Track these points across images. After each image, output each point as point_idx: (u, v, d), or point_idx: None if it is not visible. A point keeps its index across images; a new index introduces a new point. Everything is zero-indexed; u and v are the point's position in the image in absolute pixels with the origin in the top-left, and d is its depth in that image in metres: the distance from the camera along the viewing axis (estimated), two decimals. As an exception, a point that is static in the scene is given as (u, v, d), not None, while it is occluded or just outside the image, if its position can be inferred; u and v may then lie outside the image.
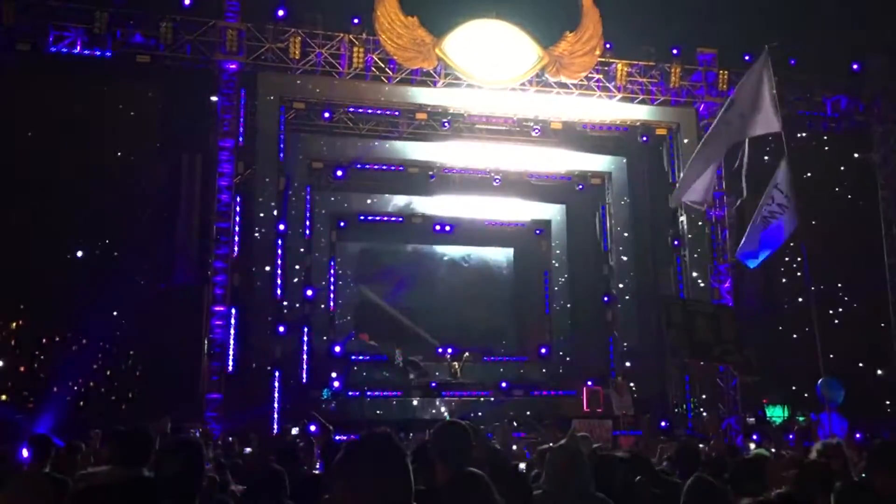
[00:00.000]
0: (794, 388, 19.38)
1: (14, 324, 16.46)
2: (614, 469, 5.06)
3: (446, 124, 18.63)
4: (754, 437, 16.00)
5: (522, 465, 7.97)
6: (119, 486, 3.19)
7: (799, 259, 11.59)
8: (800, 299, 19.05)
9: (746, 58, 18.99)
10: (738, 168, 10.94)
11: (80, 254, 16.97)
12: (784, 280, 21.01)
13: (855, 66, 19.38)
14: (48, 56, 15.38)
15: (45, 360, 16.37)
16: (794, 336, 18.93)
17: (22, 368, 16.23)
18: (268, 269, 16.72)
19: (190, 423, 13.66)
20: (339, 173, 19.44)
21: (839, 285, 20.79)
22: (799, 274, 18.49)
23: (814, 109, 19.28)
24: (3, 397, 15.60)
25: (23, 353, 16.34)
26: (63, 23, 15.38)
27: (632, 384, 18.36)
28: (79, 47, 15.36)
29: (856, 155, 19.73)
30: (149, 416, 13.47)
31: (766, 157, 12.92)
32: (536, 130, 19.15)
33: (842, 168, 21.51)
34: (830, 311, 19.73)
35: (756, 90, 10.25)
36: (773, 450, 9.68)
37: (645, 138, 19.68)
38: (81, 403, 15.43)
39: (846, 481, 4.45)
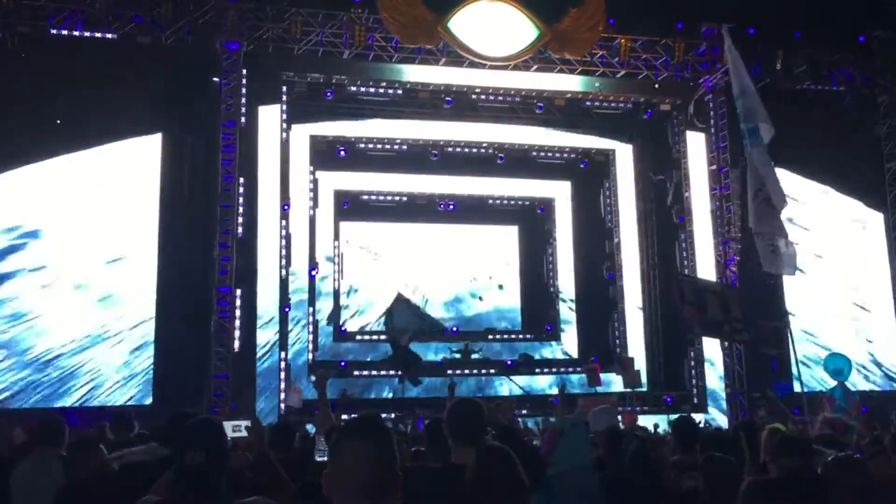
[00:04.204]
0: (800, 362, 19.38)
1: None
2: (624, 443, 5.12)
3: (449, 102, 18.55)
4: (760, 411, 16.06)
5: (536, 442, 8.04)
6: (153, 464, 3.25)
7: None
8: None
9: (751, 31, 18.89)
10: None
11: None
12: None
13: (861, 39, 19.18)
14: (49, 38, 15.30)
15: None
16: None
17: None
18: (272, 249, 16.75)
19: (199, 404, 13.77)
20: (342, 153, 19.37)
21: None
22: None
23: (819, 83, 19.10)
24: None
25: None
26: (63, 4, 15.29)
27: (635, 359, 18.42)
28: (80, 29, 15.28)
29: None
30: (162, 399, 13.60)
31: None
32: (540, 108, 19.07)
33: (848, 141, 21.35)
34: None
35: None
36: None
37: (649, 114, 19.59)
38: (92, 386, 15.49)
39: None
